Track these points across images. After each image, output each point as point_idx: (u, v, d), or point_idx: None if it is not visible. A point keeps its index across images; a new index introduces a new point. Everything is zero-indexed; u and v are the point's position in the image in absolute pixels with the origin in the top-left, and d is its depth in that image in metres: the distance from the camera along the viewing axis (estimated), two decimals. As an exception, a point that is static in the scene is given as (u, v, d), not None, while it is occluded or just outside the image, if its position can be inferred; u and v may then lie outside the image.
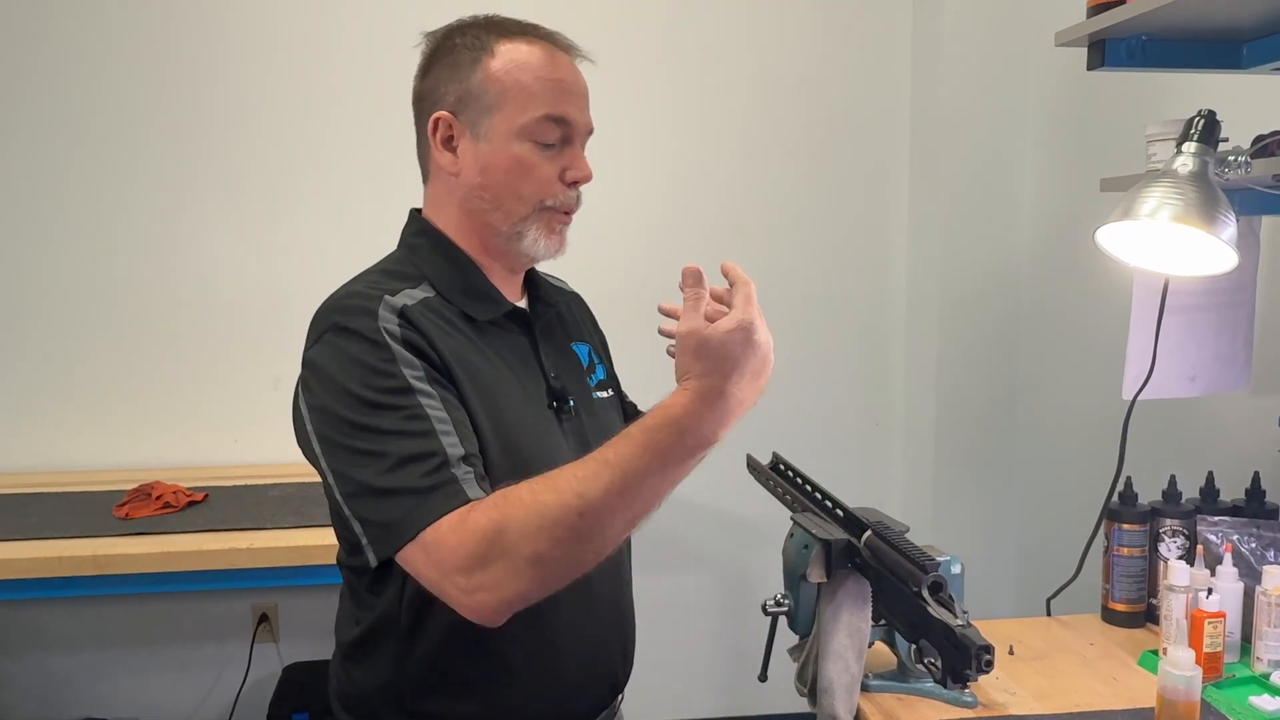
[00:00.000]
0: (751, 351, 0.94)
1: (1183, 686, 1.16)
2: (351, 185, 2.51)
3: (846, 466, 2.76)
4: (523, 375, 1.17)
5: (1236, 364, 1.64)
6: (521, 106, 1.12)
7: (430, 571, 0.98)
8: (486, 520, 0.95)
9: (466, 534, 0.95)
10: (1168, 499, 1.56)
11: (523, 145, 1.13)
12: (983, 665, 1.02)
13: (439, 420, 1.02)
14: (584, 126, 1.17)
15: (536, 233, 1.16)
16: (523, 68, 1.13)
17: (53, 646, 2.49)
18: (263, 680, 2.48)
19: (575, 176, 1.16)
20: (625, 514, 0.94)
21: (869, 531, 1.21)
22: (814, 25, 2.66)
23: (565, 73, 1.16)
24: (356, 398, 1.03)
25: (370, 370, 1.03)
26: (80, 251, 2.43)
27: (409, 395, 1.03)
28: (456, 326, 1.13)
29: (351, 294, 1.11)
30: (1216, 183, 1.23)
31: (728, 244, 2.68)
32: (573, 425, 1.20)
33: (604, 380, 1.32)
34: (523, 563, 0.94)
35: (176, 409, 2.49)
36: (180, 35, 2.42)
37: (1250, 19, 1.36)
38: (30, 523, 1.99)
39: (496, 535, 0.94)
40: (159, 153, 2.44)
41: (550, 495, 0.93)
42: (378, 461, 1.01)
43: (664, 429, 0.93)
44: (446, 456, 1.00)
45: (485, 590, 0.95)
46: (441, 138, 1.16)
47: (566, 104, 1.14)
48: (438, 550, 0.97)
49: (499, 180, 1.14)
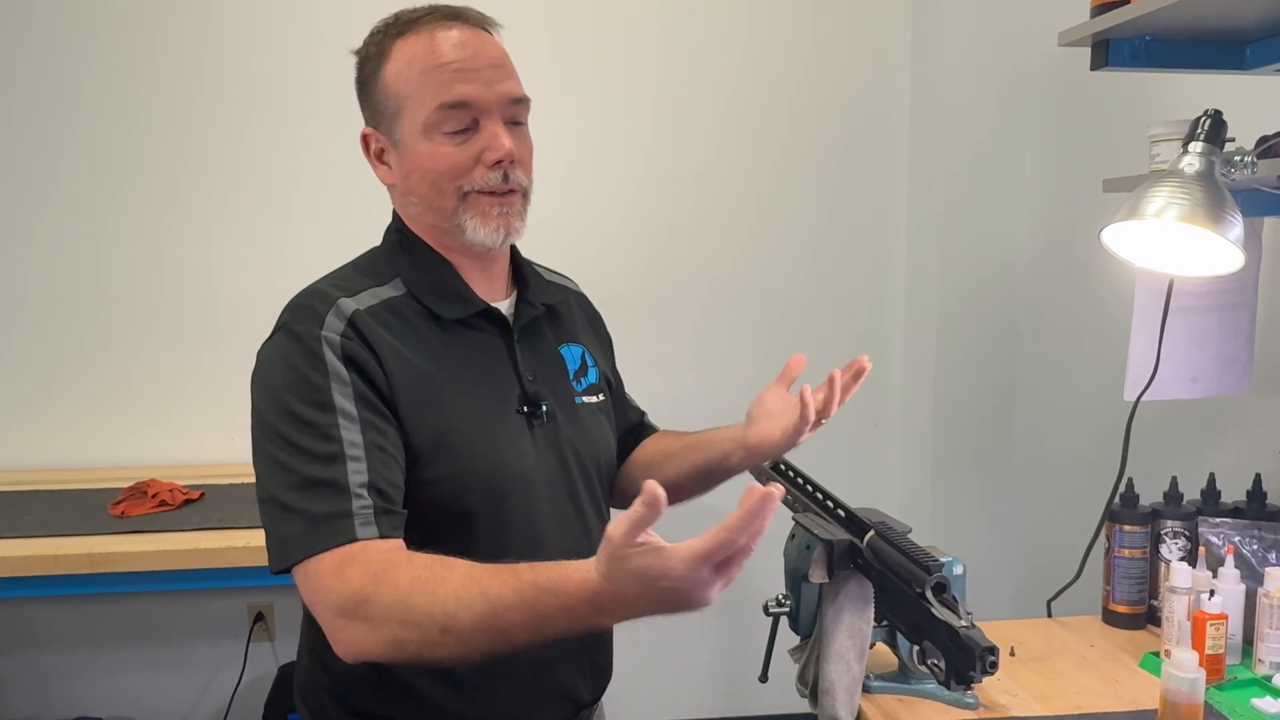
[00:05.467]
0: (684, 598, 0.81)
1: (1186, 689, 1.15)
2: (347, 182, 2.48)
3: (844, 467, 2.76)
4: (492, 378, 1.16)
5: (1239, 366, 1.64)
6: (417, 104, 1.11)
7: (308, 597, 1.00)
8: (359, 583, 0.95)
9: (339, 584, 0.96)
10: (1169, 500, 1.56)
11: (430, 141, 1.11)
12: (987, 667, 1.01)
13: (350, 445, 1.02)
14: (491, 100, 1.11)
15: (473, 223, 1.13)
16: (410, 64, 1.11)
17: (48, 645, 2.48)
18: (258, 679, 2.47)
19: (493, 156, 1.11)
20: (489, 646, 0.90)
21: (871, 532, 1.20)
22: (813, 24, 2.66)
23: (456, 52, 1.10)
24: (283, 405, 1.04)
25: (300, 379, 1.04)
26: (75, 249, 2.42)
27: (328, 413, 1.03)
28: (417, 328, 1.12)
29: (313, 293, 1.11)
30: (1222, 183, 1.23)
31: (726, 244, 2.67)
32: (545, 430, 1.18)
33: (595, 385, 1.29)
34: (380, 638, 0.94)
35: (172, 407, 2.48)
36: (175, 32, 2.41)
37: (1254, 20, 1.36)
38: (25, 521, 1.98)
39: (362, 602, 0.94)
40: (155, 150, 2.43)
41: (423, 599, 0.91)
42: (285, 475, 1.02)
43: (554, 597, 0.86)
44: (347, 486, 1.00)
45: (344, 640, 0.96)
46: (374, 153, 1.17)
47: (459, 85, 1.10)
48: (315, 582, 0.98)
49: (419, 182, 1.13)
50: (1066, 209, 2.39)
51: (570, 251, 1.79)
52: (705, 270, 2.67)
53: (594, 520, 1.24)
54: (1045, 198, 2.49)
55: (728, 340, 2.69)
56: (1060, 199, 2.43)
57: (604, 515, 1.27)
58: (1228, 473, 1.60)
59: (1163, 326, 1.56)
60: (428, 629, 0.91)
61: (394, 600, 0.92)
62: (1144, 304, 1.58)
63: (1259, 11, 1.31)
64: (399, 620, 0.92)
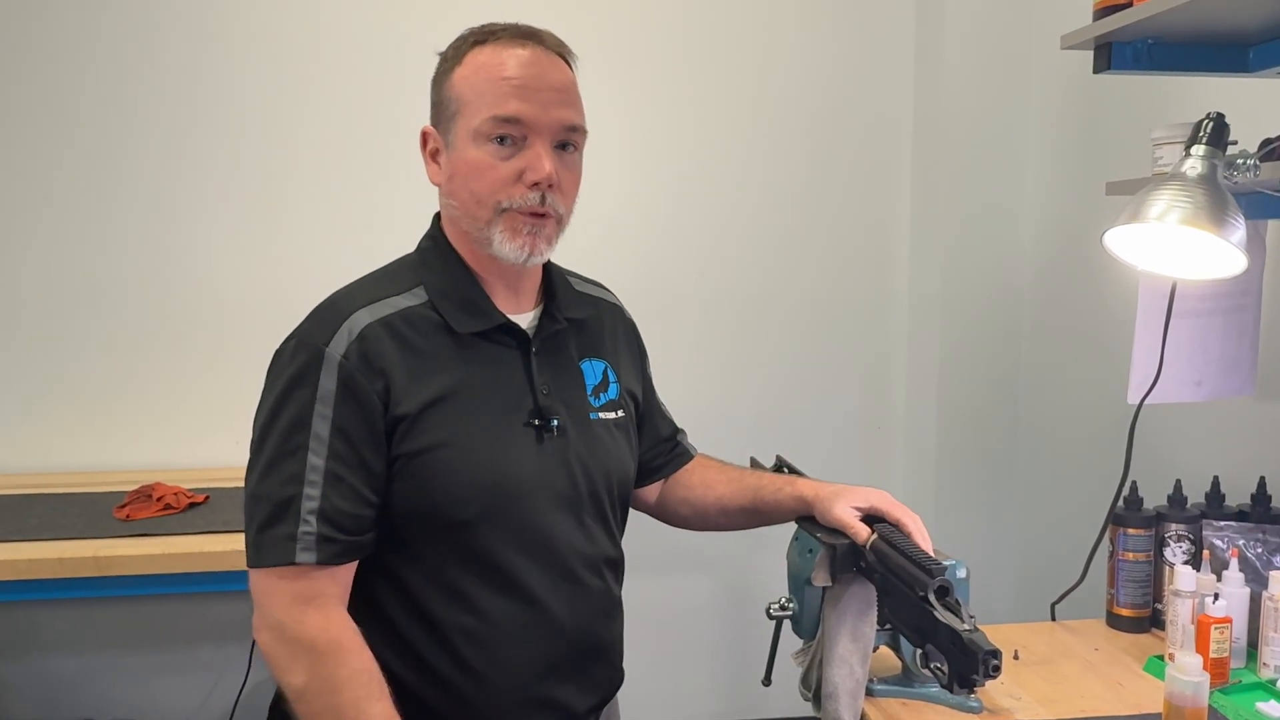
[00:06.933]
0: None
1: (1190, 692, 1.15)
2: (351, 185, 2.50)
3: (848, 470, 2.75)
4: (503, 390, 1.17)
5: (1243, 369, 1.64)
6: (474, 110, 1.14)
7: (255, 599, 1.12)
8: (313, 634, 1.07)
9: (294, 620, 1.08)
10: (1173, 504, 1.56)
11: (478, 149, 1.13)
12: (990, 670, 1.01)
13: (313, 469, 1.08)
14: (545, 122, 1.14)
15: (501, 236, 1.15)
16: (478, 71, 1.14)
17: (53, 648, 2.48)
18: (263, 683, 2.47)
19: (533, 177, 1.13)
20: None
21: (874, 535, 1.21)
22: (815, 29, 2.66)
23: (522, 69, 1.13)
24: (271, 410, 1.11)
25: (291, 390, 1.10)
26: (79, 252, 2.43)
27: (301, 432, 1.09)
28: (431, 338, 1.14)
29: (333, 303, 1.16)
30: (1225, 186, 1.23)
31: (727, 248, 2.67)
32: (554, 444, 1.19)
33: (614, 401, 1.29)
34: (291, 681, 1.09)
35: (177, 410, 2.48)
36: (176, 32, 2.41)
37: (1257, 22, 1.36)
38: (30, 524, 1.98)
39: (306, 652, 1.07)
40: (158, 151, 2.43)
41: (345, 699, 1.06)
42: (252, 477, 1.12)
43: None
44: (298, 510, 1.08)
45: (268, 653, 1.10)
46: (429, 151, 1.20)
47: (518, 102, 1.12)
48: (263, 596, 1.10)
49: (460, 186, 1.16)
50: (1070, 212, 2.39)
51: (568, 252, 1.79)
52: (705, 275, 2.67)
53: (600, 534, 1.24)
54: (1049, 201, 2.49)
55: (729, 345, 2.69)
56: (1064, 202, 2.43)
57: (612, 530, 1.28)
58: (1232, 476, 1.59)
59: (1165, 330, 1.55)
60: (322, 715, 1.06)
61: (325, 690, 1.06)
62: (1147, 307, 1.58)
63: (1261, 14, 1.31)
64: (317, 692, 1.06)
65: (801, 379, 2.73)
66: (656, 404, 1.43)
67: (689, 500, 1.41)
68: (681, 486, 1.42)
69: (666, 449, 1.43)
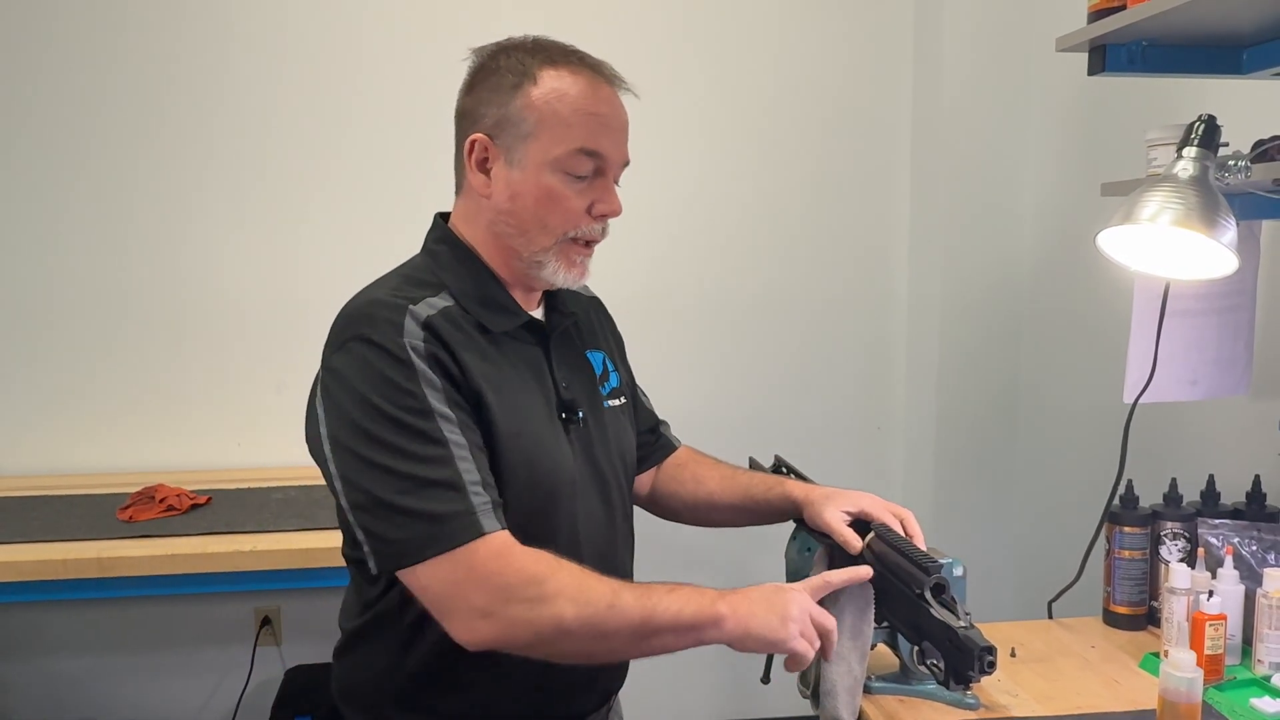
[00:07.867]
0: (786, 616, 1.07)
1: (1184, 688, 1.16)
2: (358, 190, 2.51)
3: (847, 470, 2.76)
4: (536, 386, 1.18)
5: (1237, 368, 1.65)
6: (557, 138, 1.13)
7: (438, 591, 1.03)
8: (534, 567, 1.02)
9: (506, 569, 1.02)
10: (1169, 502, 1.57)
11: (554, 176, 1.13)
12: (985, 667, 1.02)
13: (457, 445, 1.05)
14: (618, 160, 1.18)
15: (556, 263, 1.16)
16: (562, 98, 1.13)
17: (55, 649, 2.49)
18: (265, 683, 2.48)
19: (603, 210, 1.16)
20: (639, 620, 1.03)
21: (871, 534, 1.22)
22: (814, 30, 2.67)
23: (605, 106, 1.16)
24: (378, 410, 1.05)
25: (394, 387, 1.05)
26: (84, 255, 2.44)
27: (429, 419, 1.05)
28: (474, 338, 1.14)
29: (375, 302, 1.11)
30: (1217, 187, 1.24)
31: (726, 248, 2.68)
32: (580, 436, 1.21)
33: (617, 388, 1.32)
34: (540, 617, 1.01)
35: (180, 412, 2.49)
36: (189, 37, 2.42)
37: (1250, 24, 1.36)
38: (34, 526, 1.99)
39: (535, 582, 1.01)
40: (165, 156, 2.44)
41: (594, 579, 1.04)
42: (393, 479, 1.03)
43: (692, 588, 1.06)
44: (464, 485, 1.04)
45: (481, 628, 1.02)
46: (476, 159, 1.16)
47: (603, 138, 1.15)
48: (455, 574, 1.02)
49: (527, 209, 1.14)
50: (1069, 212, 2.40)
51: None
52: (704, 274, 2.68)
53: (620, 520, 1.27)
54: (1047, 201, 2.50)
55: (728, 343, 2.70)
56: (1062, 202, 2.44)
57: (628, 514, 1.31)
58: (1227, 474, 1.60)
59: (1159, 329, 1.56)
60: (598, 605, 1.02)
61: (573, 578, 1.03)
62: (1142, 307, 1.59)
63: (1255, 16, 1.32)
64: (572, 596, 1.01)
65: (801, 379, 2.74)
66: (640, 394, 1.46)
67: (680, 494, 1.43)
68: (673, 480, 1.44)
69: (651, 440, 1.45)
